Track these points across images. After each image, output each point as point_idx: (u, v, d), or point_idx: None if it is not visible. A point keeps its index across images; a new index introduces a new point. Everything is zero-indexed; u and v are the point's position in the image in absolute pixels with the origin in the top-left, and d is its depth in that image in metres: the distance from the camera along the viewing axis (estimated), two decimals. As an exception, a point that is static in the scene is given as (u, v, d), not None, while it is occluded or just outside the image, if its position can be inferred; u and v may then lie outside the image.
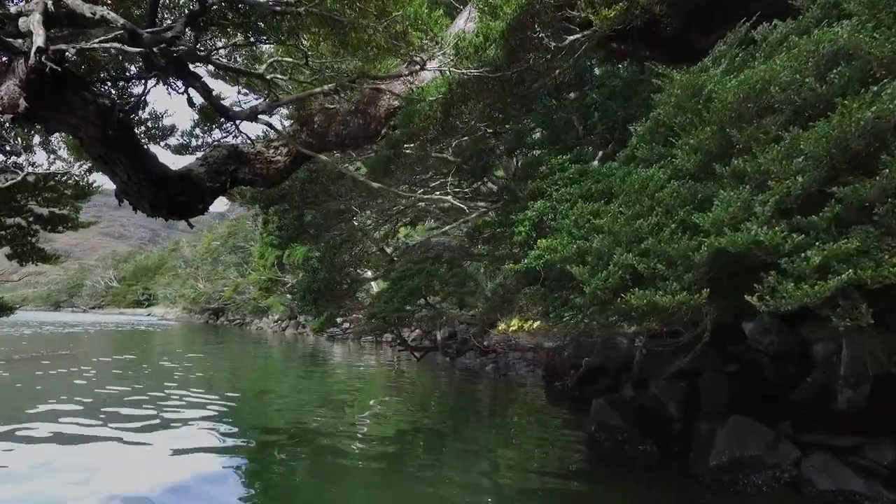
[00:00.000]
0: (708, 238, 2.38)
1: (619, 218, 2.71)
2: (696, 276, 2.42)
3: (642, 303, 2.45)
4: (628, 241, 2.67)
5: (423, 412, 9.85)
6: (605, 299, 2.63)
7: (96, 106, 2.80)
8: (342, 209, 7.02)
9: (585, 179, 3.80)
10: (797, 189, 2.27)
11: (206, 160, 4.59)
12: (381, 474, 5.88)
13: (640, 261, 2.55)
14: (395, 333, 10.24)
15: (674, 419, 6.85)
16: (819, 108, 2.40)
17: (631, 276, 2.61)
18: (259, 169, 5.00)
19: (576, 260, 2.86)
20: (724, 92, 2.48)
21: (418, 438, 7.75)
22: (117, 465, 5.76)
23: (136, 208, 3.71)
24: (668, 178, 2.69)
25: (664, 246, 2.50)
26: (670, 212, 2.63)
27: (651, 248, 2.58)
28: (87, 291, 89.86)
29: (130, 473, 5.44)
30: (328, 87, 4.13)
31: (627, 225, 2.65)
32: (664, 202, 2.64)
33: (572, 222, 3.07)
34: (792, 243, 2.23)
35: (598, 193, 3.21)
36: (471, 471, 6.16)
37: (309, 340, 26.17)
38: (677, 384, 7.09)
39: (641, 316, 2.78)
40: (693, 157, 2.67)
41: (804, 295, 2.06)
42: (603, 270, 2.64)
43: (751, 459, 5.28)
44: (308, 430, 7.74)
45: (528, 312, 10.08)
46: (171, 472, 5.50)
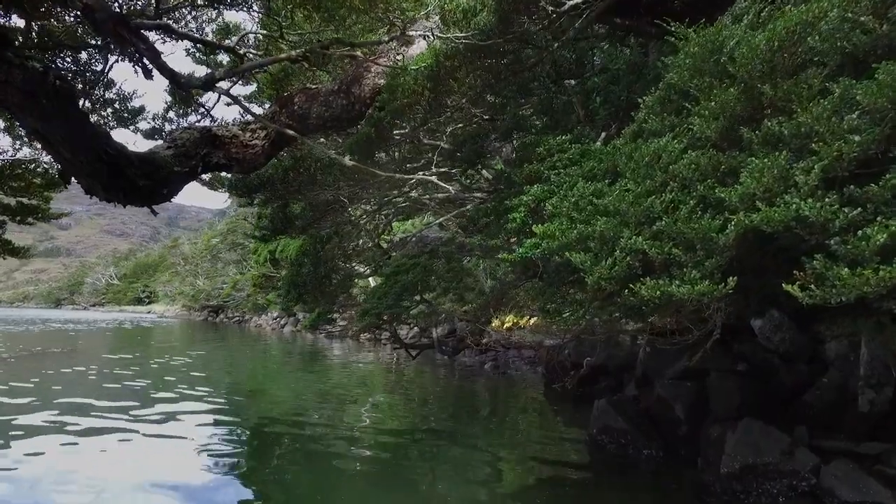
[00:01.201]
0: (735, 216, 1.99)
1: (626, 196, 2.33)
2: (719, 261, 2.04)
3: (654, 294, 2.07)
4: (637, 222, 2.29)
5: (422, 411, 9.60)
6: (610, 291, 2.26)
7: (24, 70, 2.43)
8: (330, 200, 6.65)
9: (587, 160, 3.42)
10: (851, 152, 1.87)
11: (174, 142, 4.23)
12: (377, 474, 5.75)
13: (651, 245, 2.17)
14: (389, 331, 9.86)
15: (680, 422, 6.47)
16: (877, 53, 2.02)
17: (641, 263, 2.24)
18: (235, 153, 4.64)
19: (577, 246, 2.49)
20: (753, 45, 2.09)
21: (416, 438, 7.51)
22: (106, 463, 5.69)
23: (89, 192, 3.35)
24: (683, 148, 2.30)
25: (681, 227, 2.11)
26: (687, 187, 2.24)
27: (665, 230, 2.19)
28: (88, 289, 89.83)
29: (119, 472, 5.36)
30: (297, 52, 3.75)
31: (636, 204, 2.27)
32: (680, 176, 2.25)
33: (572, 205, 2.70)
34: (845, 219, 1.84)
35: (601, 173, 2.83)
36: (469, 475, 5.88)
37: (307, 338, 25.84)
38: (684, 385, 6.72)
39: (652, 310, 2.41)
40: (714, 124, 2.28)
41: (864, 283, 1.67)
42: (608, 257, 2.27)
43: (765, 467, 4.91)
44: (305, 429, 7.53)
45: (525, 308, 9.70)
46: (167, 470, 5.48)
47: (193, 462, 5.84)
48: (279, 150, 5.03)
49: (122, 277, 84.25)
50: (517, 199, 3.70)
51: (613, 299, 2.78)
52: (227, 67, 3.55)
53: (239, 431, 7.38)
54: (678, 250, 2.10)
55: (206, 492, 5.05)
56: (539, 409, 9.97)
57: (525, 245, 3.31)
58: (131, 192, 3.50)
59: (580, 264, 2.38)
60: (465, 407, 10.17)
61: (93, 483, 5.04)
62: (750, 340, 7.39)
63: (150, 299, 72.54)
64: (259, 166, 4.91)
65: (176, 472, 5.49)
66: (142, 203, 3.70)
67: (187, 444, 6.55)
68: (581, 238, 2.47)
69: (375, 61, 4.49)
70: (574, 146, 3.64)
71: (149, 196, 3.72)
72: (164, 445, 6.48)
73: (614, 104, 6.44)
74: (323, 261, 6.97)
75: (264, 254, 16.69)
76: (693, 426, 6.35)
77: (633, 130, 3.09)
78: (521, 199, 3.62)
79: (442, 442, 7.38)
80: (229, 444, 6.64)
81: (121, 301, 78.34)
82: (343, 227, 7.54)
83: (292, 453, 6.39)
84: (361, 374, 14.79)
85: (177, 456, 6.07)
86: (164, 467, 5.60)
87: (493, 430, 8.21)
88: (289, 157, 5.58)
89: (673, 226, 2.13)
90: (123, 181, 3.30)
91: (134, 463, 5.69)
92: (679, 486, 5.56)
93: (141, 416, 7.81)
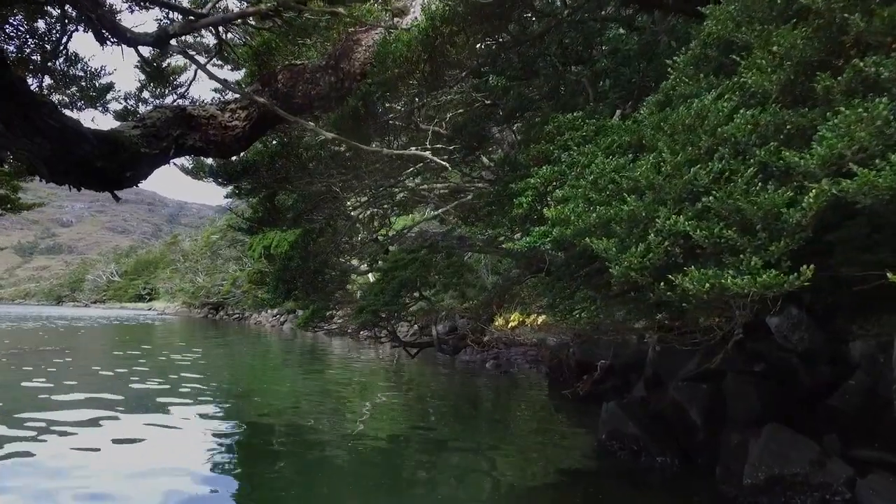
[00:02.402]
0: (816, 185, 1.57)
1: (660, 168, 1.91)
2: (788, 244, 1.62)
3: (701, 288, 1.64)
4: (677, 198, 1.87)
5: (421, 411, 9.28)
6: (642, 283, 1.84)
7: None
8: (322, 191, 6.23)
9: (604, 136, 3.01)
10: None
11: (142, 122, 3.81)
12: (375, 477, 5.55)
13: (695, 226, 1.76)
14: (387, 329, 9.46)
15: (696, 427, 6.06)
16: None
17: (682, 248, 1.82)
18: (212, 135, 4.22)
19: (597, 231, 2.08)
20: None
21: (415, 440, 7.21)
22: (97, 462, 5.55)
23: (34, 173, 2.94)
24: (734, 107, 1.88)
25: (736, 202, 1.70)
26: (743, 152, 1.81)
27: (713, 207, 1.77)
28: (89, 286, 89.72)
29: (110, 471, 5.23)
30: (268, 5, 3.33)
31: (675, 176, 1.85)
32: (732, 140, 1.83)
33: (590, 184, 2.28)
34: None
35: (622, 148, 2.42)
36: (470, 480, 5.54)
37: (307, 335, 25.48)
38: (699, 387, 6.30)
39: (696, 307, 1.99)
40: (776, 74, 1.85)
41: None
42: (639, 243, 1.86)
43: (793, 478, 4.49)
44: (302, 430, 7.27)
45: (532, 306, 9.28)
46: (159, 470, 5.32)
47: (187, 463, 5.64)
48: (262, 132, 4.62)
49: (124, 274, 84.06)
50: (523, 182, 3.27)
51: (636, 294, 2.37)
52: (182, 22, 3.14)
53: (234, 433, 7.13)
54: (731, 232, 1.68)
55: (196, 494, 4.84)
56: (543, 410, 9.58)
57: (533, 233, 2.90)
58: (87, 174, 3.09)
59: (603, 252, 1.97)
60: (466, 407, 9.82)
61: (83, 481, 4.93)
62: (765, 339, 6.98)
63: (151, 296, 72.30)
64: (239, 150, 4.50)
65: (169, 471, 5.31)
66: (101, 187, 3.29)
67: (183, 444, 6.38)
68: (603, 221, 2.06)
69: (367, 32, 4.07)
70: (588, 122, 3.22)
71: (110, 179, 3.30)
72: (157, 445, 6.28)
73: (624, 87, 6.03)
74: (313, 254, 6.56)
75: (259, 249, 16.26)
76: (710, 432, 5.93)
77: (657, 100, 2.66)
78: (527, 183, 3.20)
79: (442, 444, 7.05)
80: (224, 447, 6.42)
81: (122, 298, 78.15)
82: (337, 220, 7.13)
83: (288, 455, 6.15)
84: (361, 372, 14.46)
85: (171, 455, 5.90)
86: (155, 467, 5.40)
87: (494, 432, 7.83)
88: (275, 142, 5.17)
89: (725, 201, 1.71)
90: (74, 160, 2.89)
91: (123, 463, 5.51)
92: (697, 497, 5.15)
93: (133, 416, 7.59)
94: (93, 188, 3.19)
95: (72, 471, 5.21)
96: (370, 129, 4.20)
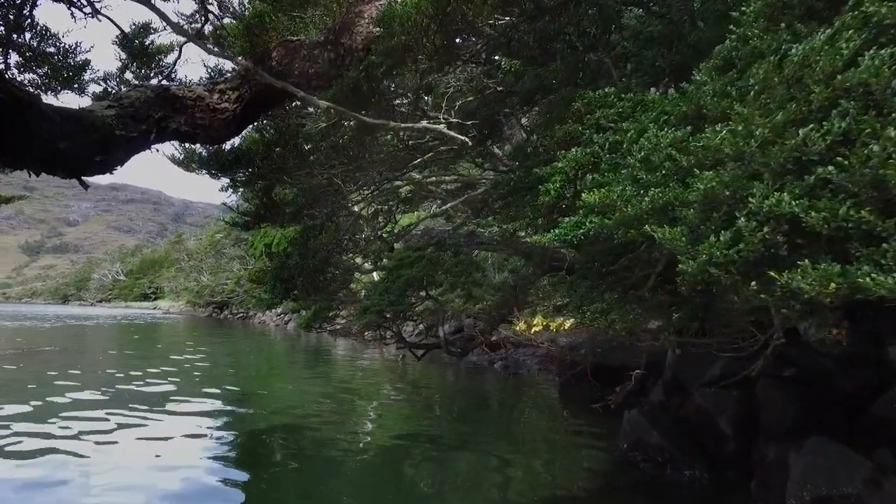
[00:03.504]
0: None
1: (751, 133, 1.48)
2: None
3: (826, 288, 1.22)
4: (779, 170, 1.46)
5: (427, 414, 8.99)
6: (726, 282, 1.42)
7: None
8: (324, 184, 5.83)
9: (647, 111, 2.58)
10: None
11: (118, 101, 3.41)
12: (380, 482, 5.40)
13: (808, 206, 1.34)
14: (392, 329, 9.04)
15: (726, 437, 5.61)
16: None
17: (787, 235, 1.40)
18: (199, 119, 3.82)
19: (652, 218, 1.67)
20: None
21: (421, 444, 6.91)
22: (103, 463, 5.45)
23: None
24: (856, 48, 1.45)
25: (875, 172, 1.28)
26: (879, 105, 1.39)
27: (836, 180, 1.35)
28: (95, 285, 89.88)
29: (117, 475, 5.14)
30: None
31: (773, 143, 1.42)
32: (860, 89, 1.40)
33: (639, 163, 1.86)
34: None
35: (678, 119, 1.99)
36: (478, 491, 5.21)
37: (311, 335, 25.13)
38: (728, 393, 5.85)
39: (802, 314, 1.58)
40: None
41: None
42: (722, 230, 1.44)
43: (844, 500, 4.04)
44: (306, 433, 7.05)
45: (546, 306, 8.82)
46: (162, 472, 5.25)
47: (191, 464, 5.53)
48: (255, 116, 4.21)
49: (129, 274, 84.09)
50: (549, 167, 2.85)
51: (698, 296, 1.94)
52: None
53: (238, 435, 6.91)
54: (866, 213, 1.27)
55: (200, 496, 4.78)
56: (554, 414, 9.16)
57: (563, 225, 2.47)
58: (48, 158, 2.68)
59: (668, 242, 1.55)
60: (473, 411, 9.44)
61: (85, 481, 4.90)
62: (797, 341, 6.54)
63: (156, 295, 72.21)
64: (230, 135, 4.10)
65: (172, 472, 5.21)
66: (67, 173, 2.89)
67: (184, 447, 6.23)
68: (661, 205, 1.64)
69: (370, 4, 3.65)
70: (624, 97, 2.80)
71: (77, 164, 2.90)
72: (158, 447, 6.15)
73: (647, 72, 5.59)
74: (313, 252, 6.16)
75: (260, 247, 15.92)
76: (742, 442, 5.50)
77: (714, 65, 2.22)
78: (554, 167, 2.77)
79: (449, 449, 6.71)
80: (227, 448, 6.27)
81: (127, 297, 78.16)
82: (339, 215, 6.72)
83: (292, 458, 6.01)
84: (365, 373, 14.12)
85: (175, 456, 5.79)
86: (159, 467, 5.34)
87: (504, 437, 7.43)
88: (271, 128, 4.76)
89: (855, 172, 1.29)
90: (28, 140, 2.48)
91: (124, 463, 5.46)
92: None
93: (135, 416, 7.46)
94: (56, 173, 2.79)
95: (72, 471, 5.16)
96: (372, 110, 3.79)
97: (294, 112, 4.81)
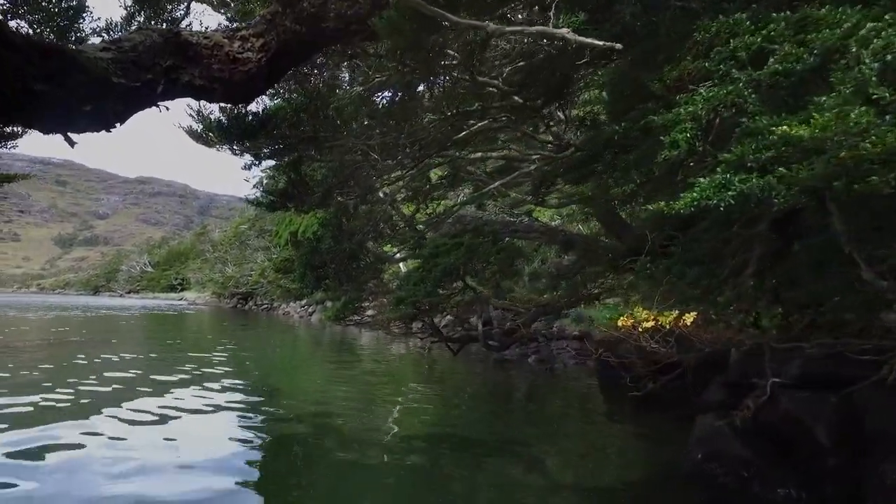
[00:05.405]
0: None
1: None
2: None
3: None
4: None
5: (458, 412, 8.43)
6: None
7: None
8: (358, 160, 5.18)
9: (817, 29, 1.86)
10: None
11: (117, 44, 2.79)
12: (408, 484, 5.02)
13: None
14: (426, 322, 8.42)
15: (825, 450, 4.82)
16: None
17: None
18: (217, 71, 3.20)
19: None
20: None
21: (452, 444, 6.39)
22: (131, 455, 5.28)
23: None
24: None
25: None
26: None
27: None
28: (124, 276, 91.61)
29: (142, 465, 4.99)
30: None
31: None
32: None
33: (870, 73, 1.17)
34: None
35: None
36: (517, 496, 4.72)
37: (336, 327, 24.75)
38: (825, 398, 5.05)
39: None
40: None
41: None
42: None
43: None
44: (331, 430, 6.69)
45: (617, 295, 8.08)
46: (190, 464, 5.11)
47: (216, 458, 5.35)
48: (283, 70, 3.57)
49: (156, 265, 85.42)
50: (672, 113, 2.15)
51: None
52: None
53: (261, 430, 6.57)
54: None
55: (224, 491, 4.54)
56: (600, 415, 8.43)
57: (702, 186, 1.79)
58: (19, 103, 2.06)
59: None
60: (507, 408, 8.84)
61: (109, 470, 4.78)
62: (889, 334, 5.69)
63: (182, 286, 73.11)
64: (254, 93, 3.46)
65: (197, 466, 5.07)
66: (47, 124, 2.27)
67: (212, 440, 6.09)
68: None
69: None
70: (781, 16, 2.06)
71: (59, 114, 2.27)
72: (186, 439, 5.98)
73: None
74: (348, 234, 5.53)
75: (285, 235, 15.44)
76: (844, 456, 4.71)
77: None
78: (684, 111, 2.07)
79: (483, 451, 6.13)
80: (250, 444, 5.97)
81: (154, 288, 79.38)
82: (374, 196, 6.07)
83: (316, 457, 5.74)
84: (392, 367, 13.60)
85: (199, 450, 5.62)
86: (184, 462, 5.16)
87: (543, 437, 6.80)
88: (299, 90, 4.12)
89: None
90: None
91: (152, 457, 5.27)
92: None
93: (158, 407, 7.28)
94: (31, 126, 2.18)
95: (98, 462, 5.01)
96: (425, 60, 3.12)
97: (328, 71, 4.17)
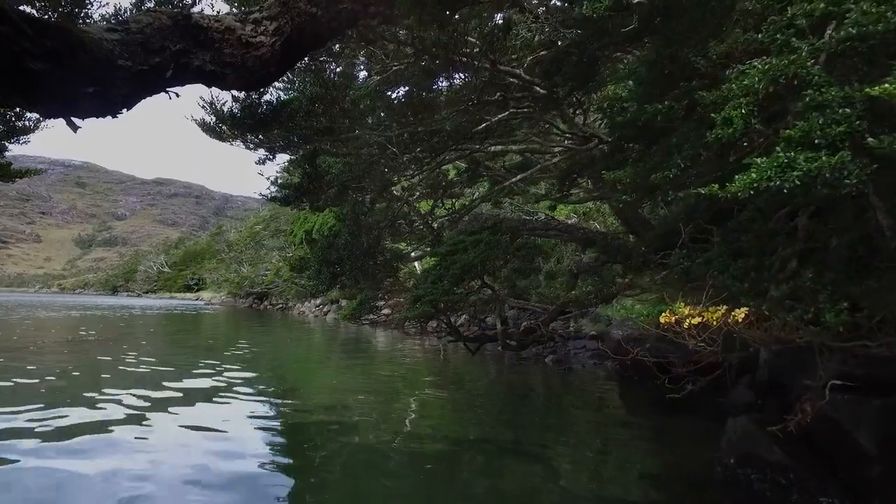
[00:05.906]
0: None
1: None
2: None
3: None
4: None
5: (475, 413, 8.23)
6: None
7: None
8: (374, 153, 5.00)
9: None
10: None
11: (125, 26, 2.64)
12: (425, 487, 4.92)
13: None
14: (444, 321, 8.24)
15: (869, 457, 4.54)
16: None
17: None
18: (229, 56, 3.04)
19: None
20: None
21: (469, 446, 6.25)
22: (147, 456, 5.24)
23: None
24: None
25: None
26: None
27: None
28: (141, 276, 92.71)
29: (157, 465, 4.99)
30: None
31: None
32: None
33: None
34: None
35: None
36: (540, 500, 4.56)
37: (350, 326, 24.68)
38: (868, 402, 4.76)
39: None
40: None
41: None
42: None
43: None
44: (346, 431, 6.60)
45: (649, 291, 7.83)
46: (197, 467, 5.01)
47: (231, 459, 5.26)
48: (298, 56, 3.41)
49: (173, 265, 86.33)
50: (724, 88, 1.93)
51: None
52: None
53: (275, 431, 6.55)
54: None
55: (240, 492, 4.50)
56: (620, 416, 8.17)
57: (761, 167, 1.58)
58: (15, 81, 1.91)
59: None
60: (525, 409, 8.66)
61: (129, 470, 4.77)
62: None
63: (198, 286, 73.80)
64: (268, 79, 3.31)
65: (207, 470, 4.94)
66: (47, 107, 2.13)
67: (221, 441, 5.94)
68: None
69: None
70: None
71: (58, 95, 2.12)
72: (197, 440, 5.93)
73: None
74: (365, 229, 5.36)
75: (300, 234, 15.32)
76: (892, 465, 4.42)
77: None
78: (734, 86, 1.84)
79: (500, 454, 5.96)
80: (265, 444, 5.93)
81: (171, 288, 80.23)
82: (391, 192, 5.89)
83: (331, 458, 5.62)
84: (407, 366, 13.42)
85: (210, 454, 5.44)
86: (193, 464, 5.08)
87: (564, 440, 6.60)
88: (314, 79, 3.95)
89: None
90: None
91: (161, 456, 5.27)
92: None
93: (183, 408, 7.28)
94: (32, 109, 2.04)
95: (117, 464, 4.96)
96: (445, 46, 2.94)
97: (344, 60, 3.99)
